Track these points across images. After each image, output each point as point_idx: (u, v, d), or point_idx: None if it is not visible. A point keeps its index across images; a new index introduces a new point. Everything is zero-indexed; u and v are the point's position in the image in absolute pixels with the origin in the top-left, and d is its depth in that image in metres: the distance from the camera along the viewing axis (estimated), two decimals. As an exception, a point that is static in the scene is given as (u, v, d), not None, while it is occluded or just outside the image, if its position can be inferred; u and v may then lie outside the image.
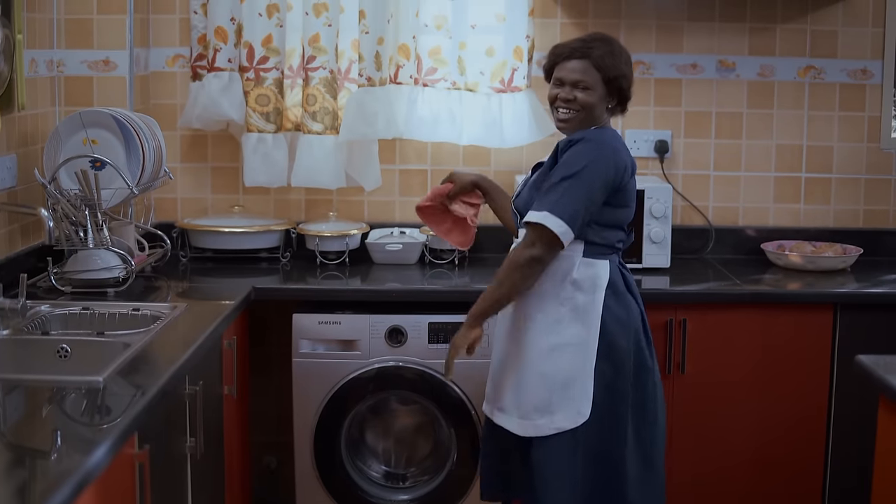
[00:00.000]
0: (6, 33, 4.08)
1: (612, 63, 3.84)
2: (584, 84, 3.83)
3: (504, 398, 3.92)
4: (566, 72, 3.86)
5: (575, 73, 3.84)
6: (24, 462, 2.57)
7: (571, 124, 3.87)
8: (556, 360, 3.81)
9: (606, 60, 3.83)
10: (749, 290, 4.66)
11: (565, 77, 3.86)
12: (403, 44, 5.09)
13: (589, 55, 3.84)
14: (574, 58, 3.86)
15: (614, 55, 3.86)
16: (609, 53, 3.85)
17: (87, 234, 4.35)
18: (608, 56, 3.84)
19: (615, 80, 3.85)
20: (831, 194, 5.37)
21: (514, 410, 3.88)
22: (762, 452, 4.67)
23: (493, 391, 3.98)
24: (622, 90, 3.88)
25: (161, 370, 3.18)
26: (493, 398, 3.99)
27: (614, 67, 3.84)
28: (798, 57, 5.28)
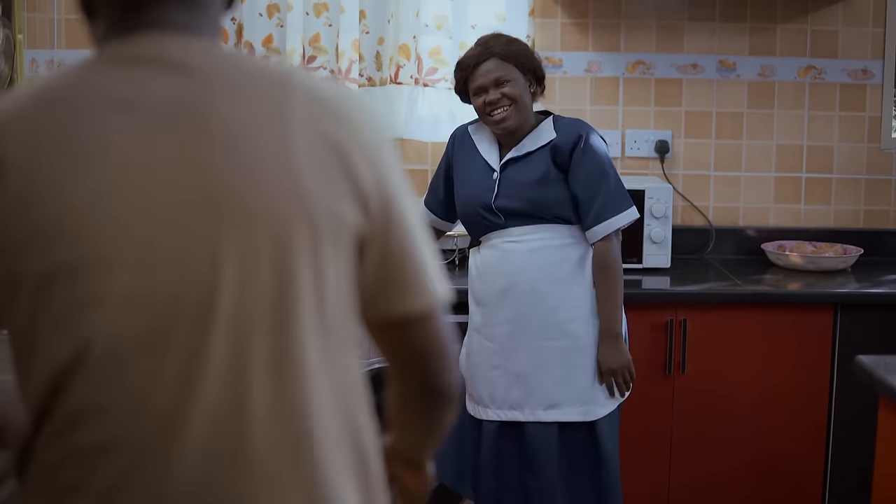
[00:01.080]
0: (6, 33, 4.09)
1: (514, 49, 3.96)
2: (504, 77, 3.93)
3: (555, 394, 3.98)
4: (481, 77, 3.95)
5: (490, 72, 3.94)
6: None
7: (510, 121, 3.96)
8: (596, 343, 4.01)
9: (509, 49, 3.95)
10: (749, 291, 4.66)
11: (483, 82, 3.95)
12: (404, 44, 5.09)
13: (493, 52, 3.94)
14: (481, 62, 3.96)
15: (511, 42, 3.99)
16: (507, 42, 3.98)
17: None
18: (506, 45, 3.96)
19: (526, 63, 3.96)
20: (832, 194, 5.37)
21: (575, 400, 3.98)
22: (762, 453, 4.66)
23: (529, 394, 4.00)
24: (536, 69, 4.00)
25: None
26: (529, 401, 4.01)
27: (519, 52, 3.97)
28: (798, 57, 5.28)
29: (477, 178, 4.08)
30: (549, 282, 3.96)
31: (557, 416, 3.98)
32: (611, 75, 5.24)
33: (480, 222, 4.07)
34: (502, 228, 4.01)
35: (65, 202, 1.55)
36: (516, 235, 3.99)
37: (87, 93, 1.62)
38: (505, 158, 4.04)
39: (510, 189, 3.99)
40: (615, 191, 3.94)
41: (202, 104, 1.62)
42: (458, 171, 4.18)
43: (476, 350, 4.10)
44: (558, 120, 4.03)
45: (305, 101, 1.69)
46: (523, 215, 3.97)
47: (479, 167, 4.09)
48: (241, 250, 1.60)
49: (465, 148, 4.17)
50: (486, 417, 4.05)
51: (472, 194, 4.07)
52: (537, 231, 3.97)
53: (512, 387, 4.01)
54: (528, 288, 3.98)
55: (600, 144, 3.97)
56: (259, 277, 1.61)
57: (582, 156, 3.91)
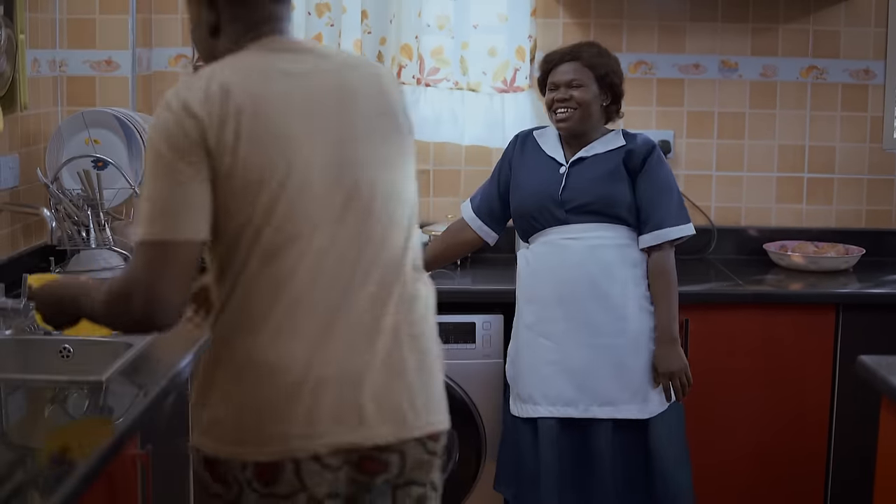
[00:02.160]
0: (8, 33, 4.09)
1: (601, 61, 4.10)
2: (578, 82, 4.07)
3: (610, 391, 4.05)
4: (559, 75, 4.11)
5: (567, 73, 4.09)
6: (26, 462, 2.57)
7: (571, 122, 4.08)
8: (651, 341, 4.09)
9: (595, 59, 4.09)
10: (751, 291, 4.67)
11: (559, 80, 4.10)
12: (406, 44, 5.09)
13: (579, 56, 4.10)
14: (565, 61, 4.12)
15: (602, 55, 4.13)
16: (597, 54, 4.12)
17: (89, 234, 4.36)
18: (596, 56, 4.11)
19: (606, 76, 4.09)
20: (834, 195, 5.37)
21: (630, 398, 4.06)
22: (764, 453, 4.67)
23: (584, 391, 4.05)
24: (614, 86, 4.11)
25: (163, 370, 3.18)
26: (584, 398, 4.06)
27: (604, 65, 4.09)
28: (800, 57, 5.28)
29: (543, 173, 4.15)
30: (607, 280, 4.03)
31: (612, 413, 4.04)
32: (613, 75, 5.25)
33: (541, 217, 4.12)
34: (563, 224, 4.08)
35: (278, 125, 2.50)
36: (576, 232, 4.06)
37: (265, 67, 2.57)
38: (576, 156, 4.12)
39: (579, 182, 4.08)
40: (678, 204, 4.10)
41: (333, 73, 2.65)
42: (520, 170, 4.23)
43: (528, 347, 4.13)
44: (629, 133, 4.16)
45: (386, 74, 2.80)
46: (587, 211, 4.05)
47: (545, 164, 4.17)
48: (373, 161, 2.61)
49: (528, 149, 4.25)
50: (537, 415, 4.08)
51: (538, 188, 4.13)
52: (598, 229, 4.05)
53: (567, 384, 4.04)
54: (588, 285, 4.03)
55: (666, 161, 4.16)
56: (386, 180, 2.61)
57: (656, 164, 4.07)
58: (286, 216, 2.47)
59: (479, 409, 4.52)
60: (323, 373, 2.48)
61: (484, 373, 4.38)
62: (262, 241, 2.47)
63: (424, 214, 5.28)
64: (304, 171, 2.50)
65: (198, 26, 2.71)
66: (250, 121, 2.47)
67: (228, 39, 2.64)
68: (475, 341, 4.52)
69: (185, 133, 2.43)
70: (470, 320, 4.52)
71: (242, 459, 2.48)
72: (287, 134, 2.50)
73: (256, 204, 2.46)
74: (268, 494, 2.49)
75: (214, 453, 2.51)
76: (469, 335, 4.51)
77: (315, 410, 2.48)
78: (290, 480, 2.49)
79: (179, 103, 2.47)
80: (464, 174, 5.22)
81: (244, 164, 2.45)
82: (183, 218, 2.43)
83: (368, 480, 2.58)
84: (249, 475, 2.48)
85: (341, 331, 2.51)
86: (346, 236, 2.54)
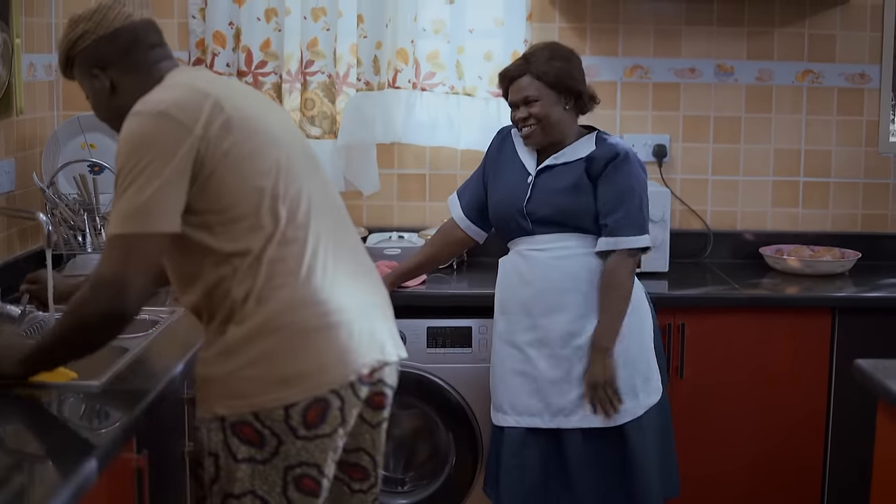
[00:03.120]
0: (4, 37, 4.09)
1: (549, 68, 4.02)
2: (532, 97, 4.03)
3: (576, 401, 4.01)
4: (514, 93, 4.09)
5: (520, 91, 4.06)
6: (22, 467, 2.57)
7: (536, 139, 4.08)
8: (629, 345, 4.03)
9: (543, 67, 4.02)
10: (747, 295, 4.67)
11: (515, 98, 4.08)
12: (402, 48, 5.09)
13: (527, 70, 4.04)
14: (516, 77, 4.07)
15: (553, 58, 4.05)
16: (546, 59, 4.04)
17: (85, 238, 4.36)
18: (545, 62, 4.03)
19: (559, 81, 4.02)
20: (829, 198, 5.37)
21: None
22: (761, 457, 4.67)
23: (550, 401, 4.03)
24: (569, 88, 4.05)
25: (159, 374, 3.18)
26: (550, 407, 4.04)
27: (553, 71, 4.02)
28: (796, 61, 5.28)
29: (513, 180, 4.14)
30: (573, 290, 4.00)
31: (578, 423, 4.01)
32: (608, 79, 5.25)
33: (510, 225, 4.11)
34: (529, 235, 4.06)
35: (253, 120, 2.84)
36: (542, 243, 4.03)
37: (209, 76, 3.01)
38: (542, 165, 4.09)
39: (542, 195, 4.05)
40: (635, 213, 3.99)
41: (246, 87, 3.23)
42: (494, 173, 4.24)
43: (499, 357, 4.13)
44: (602, 138, 4.09)
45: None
46: (551, 223, 4.02)
47: (516, 170, 4.15)
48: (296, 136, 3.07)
49: (505, 149, 4.24)
50: (506, 424, 4.08)
51: (507, 196, 4.13)
52: (563, 240, 4.02)
53: (533, 394, 4.03)
54: (553, 295, 4.01)
55: (637, 169, 4.04)
56: (302, 149, 3.02)
57: (614, 170, 3.98)
58: (293, 196, 2.85)
59: (476, 413, 4.52)
60: (352, 308, 2.84)
61: (480, 377, 4.37)
62: (280, 212, 2.81)
63: (420, 218, 5.29)
64: (288, 149, 2.90)
65: (97, 94, 2.96)
66: (237, 119, 2.79)
67: (133, 89, 2.88)
68: (471, 345, 4.52)
69: (173, 136, 2.71)
70: (466, 324, 4.52)
71: (287, 403, 2.73)
72: (258, 115, 2.89)
73: (262, 195, 2.79)
74: (312, 437, 2.77)
75: (251, 408, 2.74)
76: (465, 339, 4.51)
77: (349, 341, 2.81)
78: (335, 416, 2.79)
79: (157, 109, 2.74)
80: (459, 178, 5.21)
81: (236, 155, 2.77)
82: (161, 213, 2.69)
83: (374, 416, 2.99)
84: (297, 420, 2.75)
85: (360, 271, 2.98)
86: (326, 192, 3.01)
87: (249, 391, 2.74)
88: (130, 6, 2.95)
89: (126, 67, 2.91)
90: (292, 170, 2.87)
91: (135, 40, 2.92)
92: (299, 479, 2.81)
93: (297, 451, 2.78)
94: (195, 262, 2.82)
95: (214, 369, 2.80)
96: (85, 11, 2.93)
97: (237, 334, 2.76)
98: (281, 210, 2.80)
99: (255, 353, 2.75)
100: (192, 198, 2.75)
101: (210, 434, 2.81)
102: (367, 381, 2.86)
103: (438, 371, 4.51)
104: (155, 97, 2.78)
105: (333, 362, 2.78)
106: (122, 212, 2.69)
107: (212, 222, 2.77)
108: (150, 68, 2.92)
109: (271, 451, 2.77)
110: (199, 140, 2.72)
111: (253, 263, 2.77)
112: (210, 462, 2.83)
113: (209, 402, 2.81)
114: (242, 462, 2.77)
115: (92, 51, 2.91)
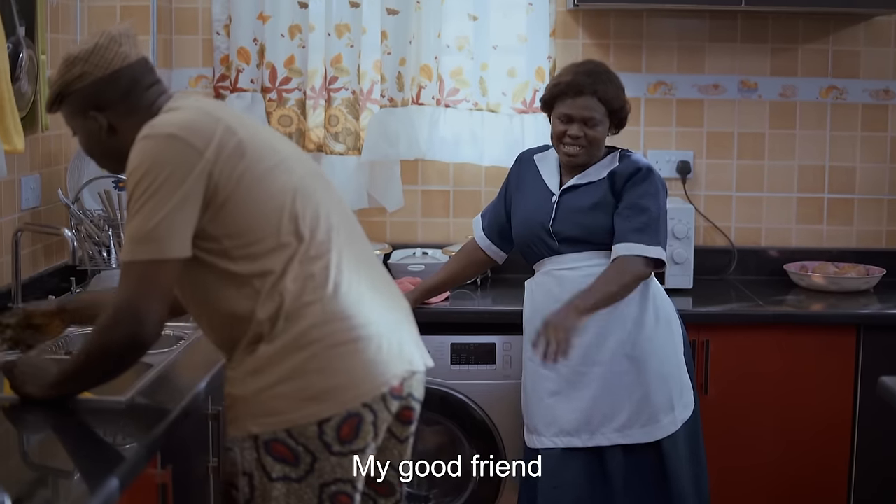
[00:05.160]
0: (30, 54, 4.10)
1: (615, 95, 4.02)
2: (594, 121, 3.99)
3: (615, 418, 4.00)
4: (576, 109, 3.99)
5: (584, 109, 3.99)
6: (47, 482, 2.58)
7: (580, 158, 4.04)
8: (665, 360, 4.04)
9: (609, 93, 4.00)
10: (772, 312, 4.66)
11: (575, 114, 3.99)
12: (425, 64, 5.10)
13: (595, 90, 3.98)
14: (582, 93, 3.98)
15: (615, 85, 4.05)
16: (612, 86, 4.03)
17: (110, 254, 4.37)
18: (611, 89, 4.02)
19: (619, 111, 4.04)
20: (854, 215, 5.36)
21: (635, 423, 4.01)
22: (786, 474, 4.65)
23: (588, 419, 4.02)
24: (623, 119, 4.09)
25: (183, 390, 3.19)
26: (588, 426, 4.02)
27: (617, 99, 4.03)
28: (820, 77, 5.27)
29: (537, 201, 4.12)
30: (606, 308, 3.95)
31: (616, 440, 4.01)
32: (632, 96, 5.21)
33: (536, 247, 4.10)
34: (556, 255, 4.05)
35: (265, 141, 2.88)
36: (571, 262, 4.02)
37: (227, 107, 3.17)
38: (566, 185, 4.08)
39: (567, 213, 4.03)
40: (650, 225, 3.94)
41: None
42: (518, 195, 4.22)
43: (532, 379, 4.12)
44: (626, 155, 4.08)
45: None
46: (577, 241, 4.01)
47: (539, 191, 4.14)
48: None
49: (528, 172, 4.22)
50: (542, 445, 4.06)
51: (531, 217, 4.11)
52: (592, 258, 4.00)
53: (570, 414, 4.02)
54: None
55: (657, 186, 4.01)
56: (313, 167, 3.04)
57: (634, 184, 3.97)
58: (312, 216, 2.86)
59: (500, 430, 4.51)
60: (378, 321, 2.86)
61: (504, 393, 4.37)
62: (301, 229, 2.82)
63: (444, 235, 5.29)
64: (300, 169, 2.93)
65: (90, 134, 2.94)
66: (245, 137, 2.81)
67: (132, 130, 2.82)
68: (496, 362, 4.51)
69: (184, 159, 2.71)
70: (490, 341, 4.52)
71: (320, 418, 2.73)
72: (268, 136, 2.94)
73: (281, 217, 2.81)
74: (346, 452, 2.77)
75: (285, 425, 2.73)
76: (489, 356, 4.51)
77: (378, 354, 2.81)
78: (368, 430, 2.79)
79: (167, 132, 2.74)
80: (483, 195, 5.22)
81: (251, 178, 2.79)
82: (173, 238, 2.70)
83: (402, 431, 2.99)
84: (331, 436, 2.75)
85: (380, 285, 3.00)
86: (341, 208, 3.02)
87: (282, 408, 2.74)
88: (127, 45, 2.90)
89: (126, 109, 2.88)
90: (308, 187, 2.88)
91: (133, 81, 2.90)
92: (335, 497, 2.80)
93: (331, 467, 2.77)
94: (214, 286, 2.81)
95: (245, 388, 2.79)
96: (81, 51, 2.87)
97: (268, 352, 2.75)
98: (303, 228, 2.80)
99: (286, 369, 2.74)
100: (208, 223, 2.75)
101: (243, 453, 2.80)
102: (397, 393, 2.85)
103: (462, 387, 4.51)
104: (164, 119, 2.78)
105: (364, 376, 2.78)
106: (133, 238, 2.71)
107: (229, 246, 2.77)
108: (150, 107, 2.89)
109: (306, 468, 2.76)
110: (212, 164, 2.72)
111: (276, 283, 2.76)
112: (244, 482, 2.81)
113: (241, 422, 2.81)
114: (277, 481, 2.76)
115: (90, 91, 2.87)
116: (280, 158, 2.86)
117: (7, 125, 3.73)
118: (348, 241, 2.93)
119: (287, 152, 2.93)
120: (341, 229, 2.92)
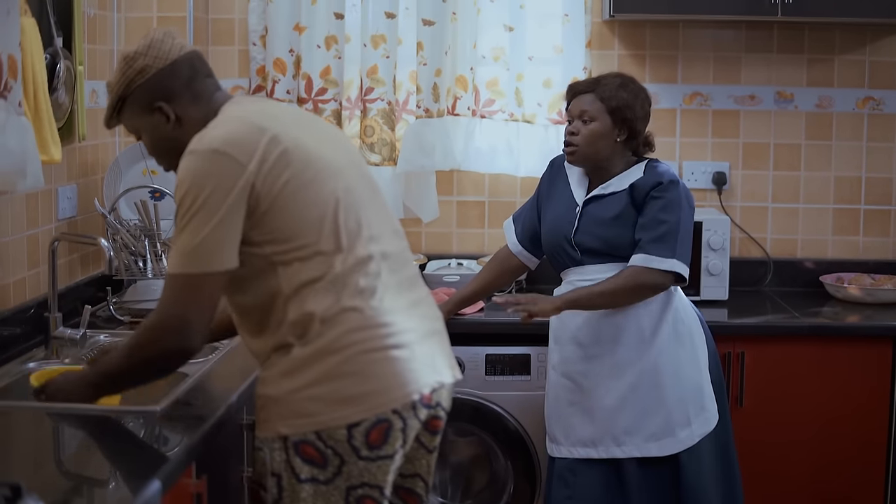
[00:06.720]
0: (67, 65, 4.13)
1: (616, 94, 3.98)
2: (589, 115, 3.98)
3: (630, 430, 3.99)
4: (574, 106, 4.04)
5: (580, 105, 4.01)
6: (82, 492, 2.59)
7: (574, 157, 4.04)
8: (683, 378, 4.00)
9: (611, 92, 3.98)
10: (807, 323, 4.64)
11: (571, 111, 4.04)
12: (461, 75, 5.11)
13: (594, 89, 4.00)
14: (581, 92, 4.03)
15: (623, 87, 4.01)
16: (618, 86, 4.00)
17: (146, 264, 4.38)
18: (615, 88, 3.99)
19: (618, 109, 3.97)
20: (891, 226, 5.33)
21: (650, 436, 4.00)
22: (821, 486, 4.63)
23: (604, 431, 4.01)
24: (627, 121, 3.99)
25: (219, 400, 3.20)
26: (604, 438, 4.01)
27: (618, 98, 3.97)
28: (856, 88, 5.25)
29: (562, 210, 4.12)
30: (625, 320, 3.97)
31: (631, 453, 3.99)
32: (668, 107, 5.24)
33: (560, 256, 4.10)
34: (580, 265, 4.04)
35: (312, 149, 2.89)
36: (592, 273, 4.00)
37: (267, 108, 3.06)
38: (590, 195, 4.07)
39: (589, 225, 4.02)
40: (669, 237, 3.90)
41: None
42: (546, 203, 4.22)
43: (553, 388, 4.13)
44: (652, 165, 4.03)
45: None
46: (599, 253, 4.00)
47: (566, 199, 4.13)
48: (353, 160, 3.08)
49: (558, 178, 4.22)
50: (560, 455, 4.07)
51: (557, 227, 4.11)
52: (614, 269, 3.97)
53: (587, 425, 4.02)
54: (606, 326, 3.99)
55: (681, 197, 3.95)
56: (360, 174, 3.05)
57: (656, 196, 3.93)
58: (353, 222, 2.90)
59: (534, 441, 4.51)
60: (413, 330, 2.90)
61: (538, 404, 4.35)
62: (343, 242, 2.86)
63: (479, 245, 5.29)
64: (347, 177, 2.95)
65: (155, 129, 3.00)
66: (290, 146, 2.84)
67: (197, 120, 2.93)
68: (530, 373, 4.51)
69: (227, 174, 2.76)
70: (525, 352, 4.52)
71: (350, 422, 2.77)
72: (316, 144, 2.93)
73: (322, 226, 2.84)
74: (374, 458, 2.81)
75: (315, 427, 2.78)
76: (524, 367, 4.51)
77: (411, 362, 2.85)
78: (397, 437, 2.83)
79: (212, 147, 2.79)
80: (519, 206, 5.20)
81: (296, 186, 2.82)
82: (220, 251, 2.76)
83: (430, 440, 3.03)
84: (359, 441, 2.79)
85: (417, 295, 3.03)
86: (385, 217, 3.07)
87: (313, 410, 2.77)
88: (179, 38, 2.99)
89: (191, 96, 2.95)
90: (352, 196, 2.91)
91: (193, 69, 2.97)
92: (361, 500, 2.83)
93: (359, 471, 2.80)
94: (255, 292, 2.85)
95: (277, 388, 2.83)
96: (139, 47, 2.94)
97: (302, 354, 2.79)
98: (343, 236, 2.84)
99: (319, 372, 2.78)
100: (251, 230, 2.80)
101: (273, 454, 2.84)
102: (427, 402, 2.88)
103: (497, 399, 4.51)
104: (210, 134, 2.82)
105: (396, 383, 2.81)
106: (181, 251, 2.76)
107: (271, 252, 2.81)
108: (210, 98, 2.98)
109: (334, 471, 2.79)
110: (255, 175, 2.76)
111: (317, 288, 2.80)
112: (273, 483, 2.85)
113: (272, 422, 2.84)
114: (306, 482, 2.79)
115: (154, 83, 2.92)
116: (326, 166, 2.89)
117: (45, 135, 3.75)
118: (388, 250, 2.96)
119: (334, 159, 2.95)
120: (382, 238, 2.96)
